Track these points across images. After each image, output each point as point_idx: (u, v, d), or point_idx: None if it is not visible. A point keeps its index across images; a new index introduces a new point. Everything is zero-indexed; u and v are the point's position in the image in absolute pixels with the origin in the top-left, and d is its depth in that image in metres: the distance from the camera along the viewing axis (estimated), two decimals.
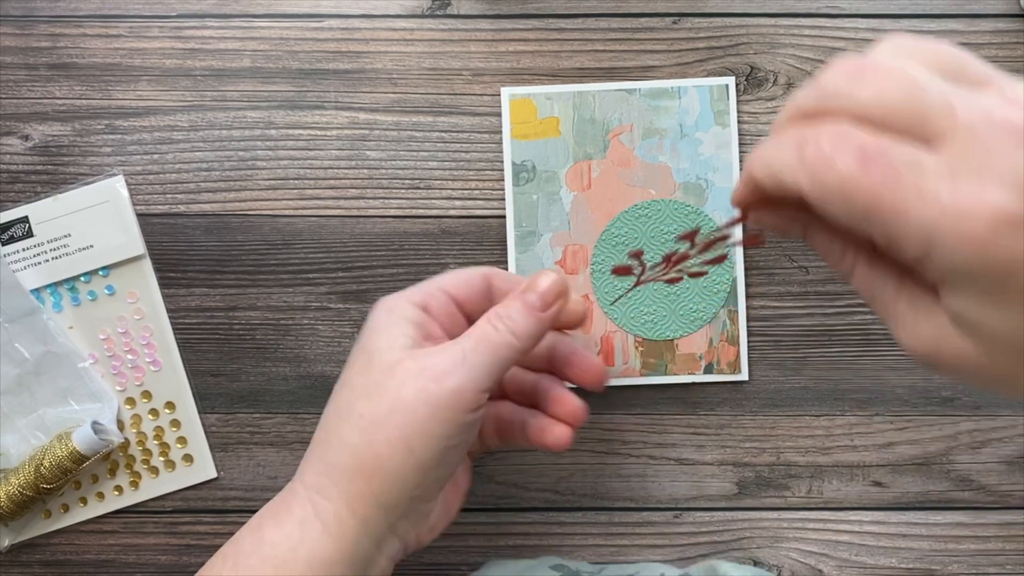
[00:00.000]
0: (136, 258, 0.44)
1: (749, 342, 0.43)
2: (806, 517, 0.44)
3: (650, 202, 0.43)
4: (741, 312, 0.43)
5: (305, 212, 0.44)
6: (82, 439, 0.41)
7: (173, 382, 0.44)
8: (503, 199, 0.44)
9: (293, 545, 0.32)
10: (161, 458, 0.44)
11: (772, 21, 0.44)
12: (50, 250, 0.43)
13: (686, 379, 0.43)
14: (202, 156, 0.44)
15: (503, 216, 0.44)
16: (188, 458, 0.44)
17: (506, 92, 0.43)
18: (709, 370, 0.43)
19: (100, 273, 0.44)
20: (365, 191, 0.44)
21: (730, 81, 0.43)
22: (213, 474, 0.44)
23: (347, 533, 0.32)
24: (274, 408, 0.44)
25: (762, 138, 0.43)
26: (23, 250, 0.43)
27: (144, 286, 0.44)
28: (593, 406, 0.44)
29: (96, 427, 0.41)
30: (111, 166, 0.44)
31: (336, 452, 0.33)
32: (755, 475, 0.44)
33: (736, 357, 0.43)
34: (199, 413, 0.44)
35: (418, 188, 0.44)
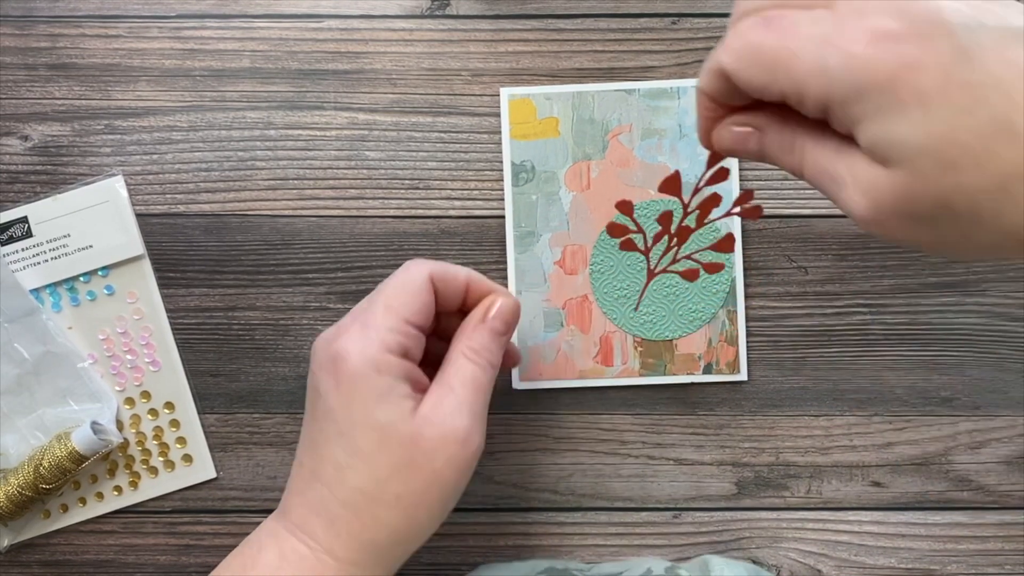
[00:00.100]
0: (135, 258, 0.44)
1: (748, 342, 0.43)
2: (805, 517, 0.44)
3: (649, 202, 0.43)
4: (740, 312, 0.43)
5: (304, 212, 0.44)
6: (81, 439, 0.41)
7: (172, 382, 0.44)
8: (502, 199, 0.44)
9: None
10: (160, 458, 0.44)
11: None
12: (49, 250, 0.43)
13: (685, 379, 0.43)
14: (201, 156, 0.44)
15: (502, 216, 0.44)
16: (187, 458, 0.44)
17: (505, 92, 0.43)
18: (708, 370, 0.43)
19: (99, 273, 0.44)
20: (364, 191, 0.44)
21: None
22: (212, 474, 0.44)
23: None
24: (273, 408, 0.44)
25: None
26: (22, 250, 0.43)
27: (143, 286, 0.44)
28: (593, 406, 0.44)
29: (95, 427, 0.41)
30: (110, 166, 0.44)
31: (373, 531, 0.33)
32: (754, 475, 0.44)
33: (735, 357, 0.43)
34: (198, 413, 0.44)
35: (417, 188, 0.44)
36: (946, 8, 0.22)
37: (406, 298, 0.34)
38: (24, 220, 0.43)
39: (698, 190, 0.35)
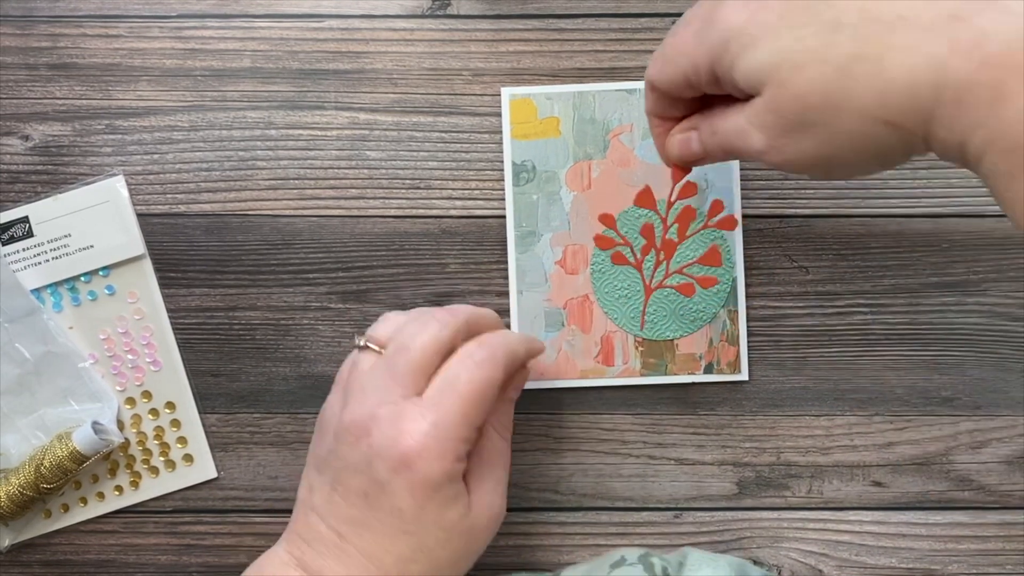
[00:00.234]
0: (136, 258, 0.44)
1: (749, 342, 0.43)
2: (806, 517, 0.44)
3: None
4: (741, 312, 0.43)
5: (305, 212, 0.44)
6: (82, 439, 0.41)
7: (173, 382, 0.44)
8: (503, 199, 0.44)
9: None
10: (161, 458, 0.44)
11: None
12: (50, 250, 0.43)
13: (686, 379, 0.43)
14: (202, 156, 0.44)
15: (503, 216, 0.44)
16: (188, 458, 0.44)
17: (506, 92, 0.44)
18: (709, 370, 0.43)
19: (100, 273, 0.44)
20: (365, 191, 0.44)
21: None
22: (213, 474, 0.44)
23: None
24: (274, 408, 0.44)
25: None
26: (23, 250, 0.43)
27: (144, 286, 0.44)
28: (593, 406, 0.44)
29: (96, 427, 0.41)
30: (111, 166, 0.44)
31: None
32: (755, 475, 0.44)
33: (736, 357, 0.43)
34: (199, 413, 0.44)
35: (418, 188, 0.44)
36: None
37: (485, 407, 0.35)
38: (25, 220, 0.43)
39: (671, 205, 0.40)
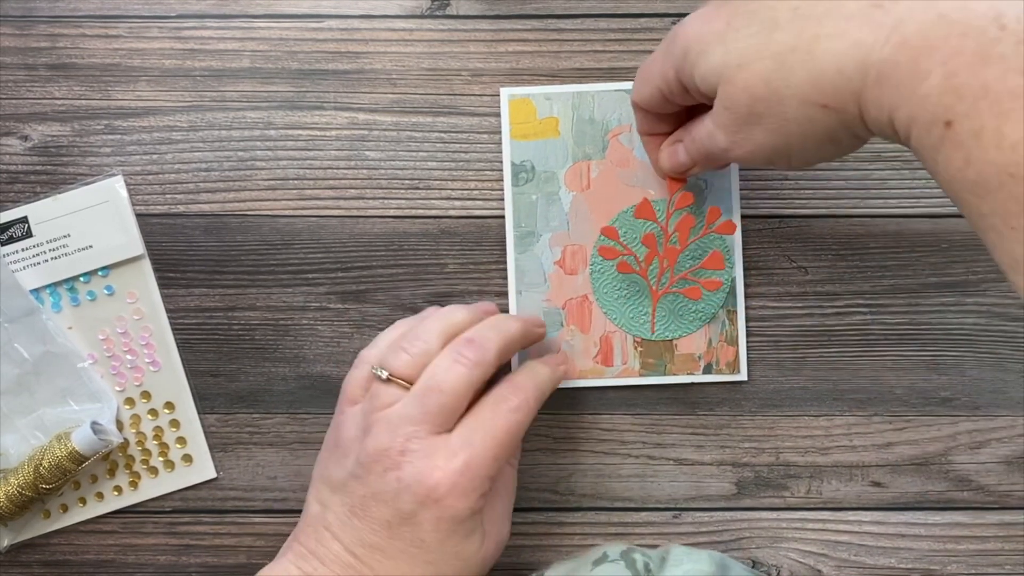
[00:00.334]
0: (135, 258, 0.44)
1: (748, 342, 0.43)
2: (805, 517, 0.44)
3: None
4: (740, 312, 0.43)
5: (304, 212, 0.44)
6: (81, 439, 0.41)
7: (172, 382, 0.44)
8: (502, 199, 0.44)
9: None
10: (160, 458, 0.44)
11: None
12: (49, 250, 0.43)
13: (685, 379, 0.43)
14: (201, 156, 0.44)
15: (502, 216, 0.44)
16: (187, 458, 0.44)
17: (505, 92, 0.44)
18: (708, 370, 0.43)
19: (99, 273, 0.44)
20: (364, 191, 0.44)
21: None
22: (212, 474, 0.44)
23: None
24: (273, 408, 0.44)
25: None
26: (22, 250, 0.43)
27: (143, 286, 0.44)
28: (593, 406, 0.44)
29: (95, 427, 0.41)
30: (110, 166, 0.44)
31: None
32: (754, 475, 0.44)
33: (735, 357, 0.43)
34: (198, 413, 0.44)
35: (417, 188, 0.44)
36: None
37: (514, 448, 0.37)
38: (24, 220, 0.43)
39: (670, 215, 0.42)
